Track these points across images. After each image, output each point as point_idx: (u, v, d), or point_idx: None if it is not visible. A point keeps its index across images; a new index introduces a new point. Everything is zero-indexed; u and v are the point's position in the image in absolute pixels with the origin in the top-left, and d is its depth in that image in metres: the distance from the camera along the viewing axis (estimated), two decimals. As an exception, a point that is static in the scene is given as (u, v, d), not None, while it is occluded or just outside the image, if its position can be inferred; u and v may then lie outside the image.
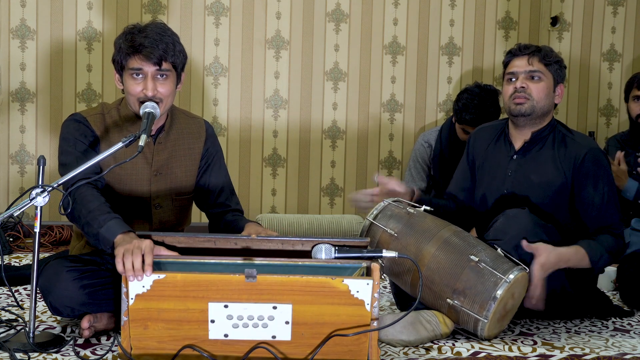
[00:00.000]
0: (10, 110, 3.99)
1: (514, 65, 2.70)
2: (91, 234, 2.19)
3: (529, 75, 2.66)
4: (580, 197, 2.61)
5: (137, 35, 2.32)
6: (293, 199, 4.24)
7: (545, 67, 2.66)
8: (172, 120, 2.50)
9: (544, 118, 2.70)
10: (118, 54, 2.36)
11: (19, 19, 3.96)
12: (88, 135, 2.39)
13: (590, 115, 4.53)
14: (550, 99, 2.68)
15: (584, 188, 2.60)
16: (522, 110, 2.64)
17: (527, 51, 2.68)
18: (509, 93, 2.68)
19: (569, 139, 2.67)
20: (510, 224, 2.47)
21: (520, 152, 2.71)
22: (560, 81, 2.71)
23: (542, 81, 2.66)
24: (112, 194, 2.40)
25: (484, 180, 2.78)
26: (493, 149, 2.79)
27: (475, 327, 2.35)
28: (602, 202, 2.60)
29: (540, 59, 2.66)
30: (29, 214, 4.01)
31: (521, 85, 2.64)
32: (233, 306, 1.98)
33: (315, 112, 4.21)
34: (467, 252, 2.37)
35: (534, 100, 2.64)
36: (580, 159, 2.61)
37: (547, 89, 2.67)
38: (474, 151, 2.84)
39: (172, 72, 2.37)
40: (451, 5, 4.30)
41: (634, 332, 2.61)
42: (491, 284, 2.31)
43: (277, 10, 4.14)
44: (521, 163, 2.69)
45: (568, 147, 2.65)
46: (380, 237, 2.48)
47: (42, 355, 2.14)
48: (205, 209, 2.60)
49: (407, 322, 2.32)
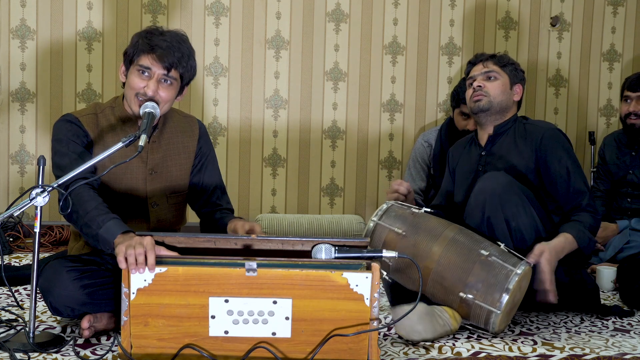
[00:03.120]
0: (10, 110, 3.99)
1: (472, 71, 2.92)
2: (90, 235, 2.19)
3: (485, 76, 2.86)
4: (547, 175, 2.73)
5: (157, 36, 2.36)
6: (293, 199, 4.24)
7: (500, 68, 2.87)
8: (165, 119, 2.51)
9: (505, 114, 2.86)
10: (132, 48, 2.38)
11: (19, 19, 3.96)
12: (81, 135, 2.39)
13: (590, 115, 4.53)
14: (507, 95, 2.86)
15: (549, 165, 2.73)
16: (480, 106, 2.83)
17: (483, 57, 2.91)
18: (469, 95, 2.89)
19: (529, 125, 2.84)
20: (487, 184, 2.57)
21: (487, 147, 2.86)
22: (518, 82, 2.90)
23: (498, 80, 2.85)
24: (108, 194, 2.40)
25: (460, 180, 2.94)
26: (465, 154, 2.97)
27: (487, 320, 2.38)
28: (568, 173, 2.72)
29: (494, 62, 2.88)
30: (29, 214, 4.01)
31: (478, 85, 2.85)
32: (233, 301, 1.99)
33: (315, 112, 4.21)
34: (476, 247, 2.44)
35: (490, 96, 2.83)
36: (539, 139, 2.76)
37: (503, 86, 2.85)
38: (452, 163, 3.04)
39: (177, 81, 2.40)
40: (451, 5, 4.30)
41: (634, 332, 2.61)
42: (503, 276, 2.37)
43: (277, 10, 4.14)
44: (490, 156, 2.85)
45: (528, 133, 2.81)
46: (387, 237, 2.51)
47: (42, 355, 2.14)
48: (198, 208, 2.61)
49: (423, 313, 2.35)
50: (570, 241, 2.59)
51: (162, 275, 1.98)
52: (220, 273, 1.98)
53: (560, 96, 4.49)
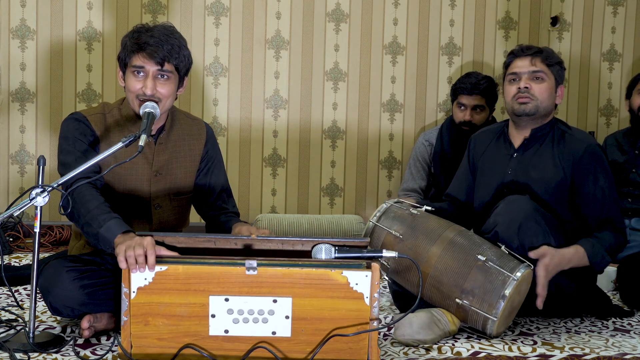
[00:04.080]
0: (10, 110, 3.99)
1: (516, 65, 2.70)
2: (91, 234, 2.19)
3: (532, 75, 2.66)
4: (581, 193, 2.62)
5: (143, 34, 2.34)
6: (293, 199, 4.24)
7: (548, 68, 2.68)
8: (172, 121, 2.50)
9: (545, 119, 2.71)
10: (123, 51, 2.37)
11: (19, 19, 3.96)
12: (88, 134, 2.39)
13: (590, 115, 4.53)
14: (552, 99, 2.70)
15: (585, 184, 2.61)
16: (526, 110, 2.65)
17: (530, 52, 2.69)
18: (512, 93, 2.68)
19: (568, 135, 2.68)
20: (510, 209, 2.48)
21: (520, 149, 2.71)
22: (561, 82, 2.73)
23: (545, 82, 2.67)
24: (112, 194, 2.40)
25: (484, 180, 2.78)
26: (493, 149, 2.80)
27: (484, 325, 2.36)
28: (603, 195, 2.61)
29: (542, 60, 2.67)
30: (29, 214, 4.01)
31: (525, 86, 2.65)
32: (234, 299, 1.99)
33: (315, 112, 4.21)
34: (473, 252, 2.39)
35: (537, 100, 2.65)
36: (579, 155, 2.62)
37: (550, 89, 2.68)
38: (474, 154, 2.86)
39: (173, 74, 2.37)
40: (451, 5, 4.30)
41: (634, 332, 2.61)
42: (499, 283, 2.33)
43: (277, 10, 4.14)
44: (521, 160, 2.70)
45: (567, 144, 2.66)
46: (385, 239, 2.49)
47: (42, 355, 2.14)
48: (203, 211, 2.60)
49: (425, 323, 2.33)
50: (580, 255, 2.51)
51: (163, 273, 1.98)
52: (220, 272, 1.98)
53: (560, 96, 4.49)
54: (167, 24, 2.42)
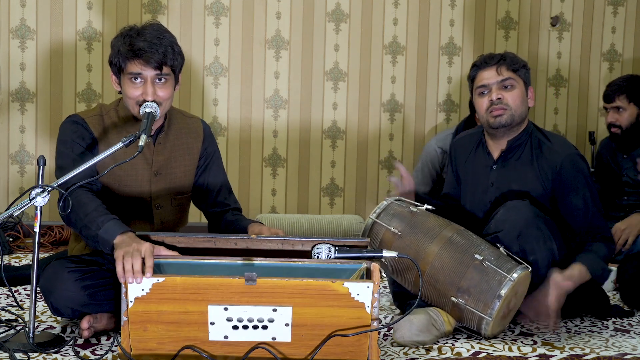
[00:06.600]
0: (10, 110, 3.99)
1: (483, 77, 2.64)
2: (90, 236, 2.18)
3: (501, 85, 2.62)
4: (564, 205, 2.60)
5: (135, 38, 2.30)
6: (293, 199, 4.24)
7: (515, 74, 2.63)
8: (170, 120, 2.50)
9: (521, 126, 2.68)
10: (116, 57, 2.33)
11: (19, 19, 3.96)
12: (86, 137, 2.38)
13: (590, 115, 4.53)
14: (525, 104, 2.66)
15: (567, 196, 2.59)
16: (502, 122, 2.61)
17: (493, 61, 2.64)
18: (485, 106, 2.63)
19: (546, 147, 2.64)
20: (510, 215, 2.47)
21: (499, 161, 2.69)
22: (529, 84, 2.69)
23: (515, 88, 2.62)
24: (112, 195, 2.40)
25: (468, 192, 2.78)
26: (473, 159, 2.78)
27: (479, 325, 2.35)
28: (586, 205, 2.59)
29: (508, 67, 2.62)
30: (29, 214, 4.01)
31: (497, 97, 2.60)
32: (233, 309, 1.97)
33: (315, 112, 4.21)
34: (471, 251, 2.39)
35: (511, 110, 2.61)
36: (558, 167, 2.58)
37: (521, 95, 2.64)
38: (456, 162, 2.85)
39: (171, 75, 2.36)
40: (451, 5, 4.30)
41: (634, 332, 2.61)
42: (495, 283, 2.32)
43: (277, 10, 4.14)
44: (502, 173, 2.68)
45: (545, 156, 2.62)
46: (384, 236, 2.49)
47: (42, 355, 2.14)
48: (205, 208, 2.60)
49: (423, 325, 2.34)
50: (583, 274, 2.49)
51: (160, 285, 1.96)
52: (219, 282, 1.95)
53: (560, 96, 4.49)
54: (155, 22, 2.39)
